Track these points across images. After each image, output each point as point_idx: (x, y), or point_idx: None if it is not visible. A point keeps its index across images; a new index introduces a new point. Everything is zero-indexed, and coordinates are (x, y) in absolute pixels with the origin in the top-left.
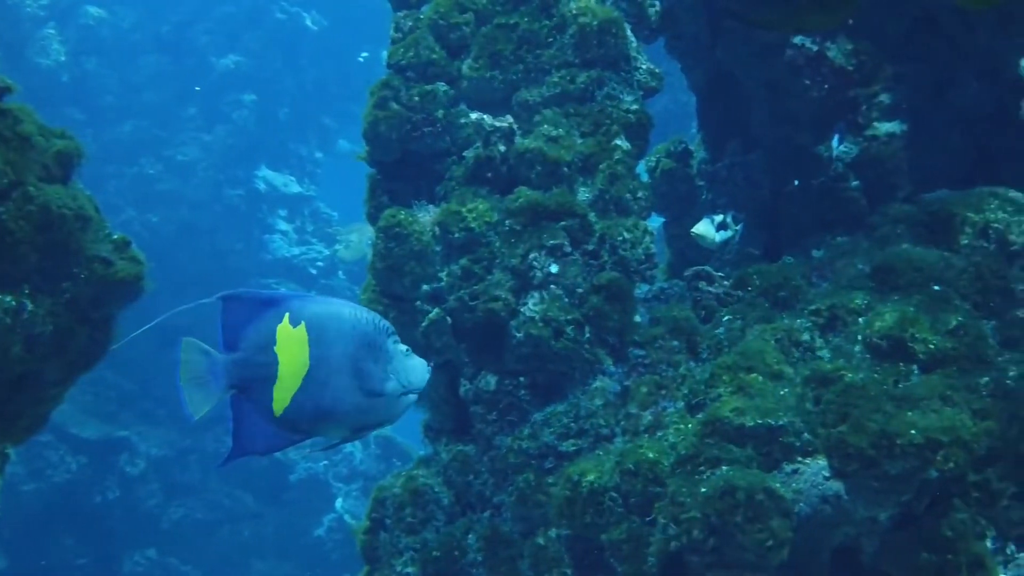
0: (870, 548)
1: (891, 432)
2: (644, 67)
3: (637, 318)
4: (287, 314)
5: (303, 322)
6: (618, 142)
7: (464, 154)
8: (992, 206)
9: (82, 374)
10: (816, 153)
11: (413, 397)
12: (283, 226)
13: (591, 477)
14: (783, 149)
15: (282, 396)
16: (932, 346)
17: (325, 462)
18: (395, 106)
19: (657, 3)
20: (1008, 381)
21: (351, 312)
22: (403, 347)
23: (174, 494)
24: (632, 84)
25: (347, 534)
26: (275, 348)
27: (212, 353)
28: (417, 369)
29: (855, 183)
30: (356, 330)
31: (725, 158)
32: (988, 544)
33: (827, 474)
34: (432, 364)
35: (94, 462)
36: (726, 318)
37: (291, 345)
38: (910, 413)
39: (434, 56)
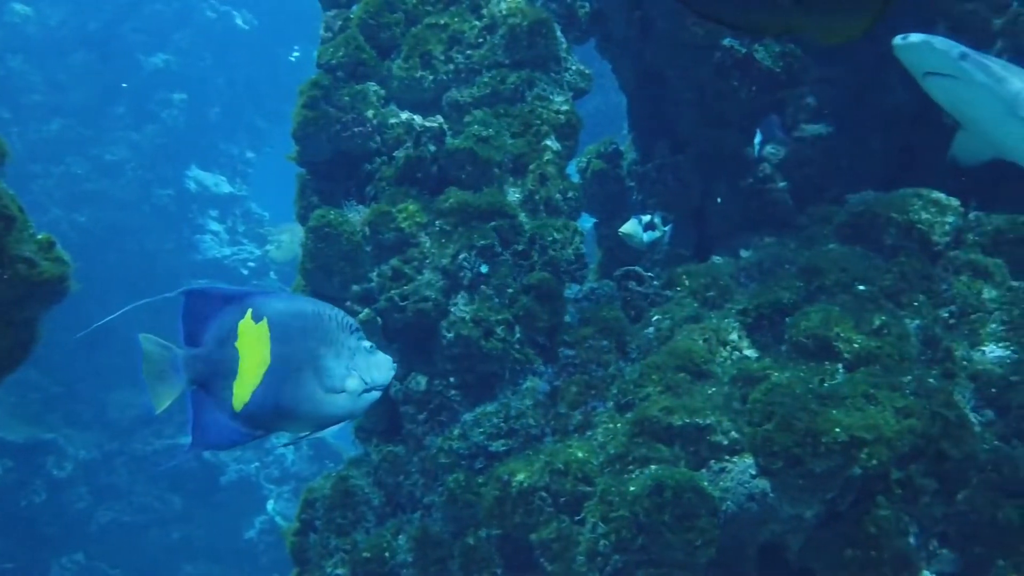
0: (796, 545)
1: (816, 430)
2: (574, 68)
3: (567, 318)
4: (250, 310)
5: (265, 318)
6: (548, 142)
7: (394, 154)
8: (915, 207)
9: (5, 376)
10: (744, 154)
11: (377, 394)
12: (214, 226)
13: (521, 477)
14: (712, 150)
15: (242, 392)
16: (856, 345)
17: (256, 463)
18: (325, 106)
19: (587, 4)
20: (930, 380)
21: (314, 308)
22: (367, 344)
23: (102, 497)
24: (562, 85)
25: (278, 536)
26: (236, 343)
27: (172, 348)
28: (381, 366)
29: (782, 184)
30: (319, 327)
31: (655, 159)
32: (911, 540)
33: (754, 472)
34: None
35: (20, 465)
36: (655, 318)
37: (252, 341)
38: (835, 412)
39: (364, 56)
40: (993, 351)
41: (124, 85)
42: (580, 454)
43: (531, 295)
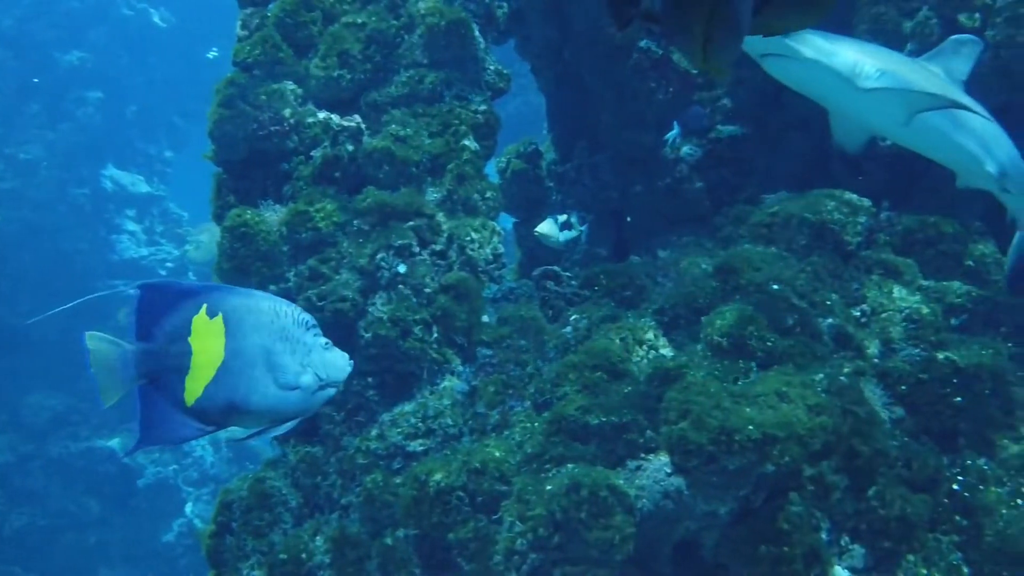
0: (710, 542)
1: (730, 428)
2: (492, 68)
3: (485, 318)
4: (205, 305)
5: (220, 313)
6: (466, 142)
7: (312, 153)
8: (829, 207)
9: None
10: (662, 155)
11: (332, 391)
12: (131, 226)
13: (438, 476)
14: (630, 151)
15: (194, 387)
16: (770, 344)
17: (175, 466)
18: (241, 105)
19: (505, 4)
20: (842, 378)
21: (270, 305)
22: (323, 340)
23: (16, 501)
24: (480, 85)
25: (197, 539)
26: (189, 339)
27: (121, 343)
28: (336, 363)
29: (699, 184)
30: (274, 323)
31: (574, 159)
32: (823, 536)
33: (669, 470)
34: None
35: None
36: (573, 317)
37: (206, 336)
38: (748, 409)
39: (281, 54)
40: (903, 349)
41: (35, 80)
42: (497, 453)
43: (449, 295)
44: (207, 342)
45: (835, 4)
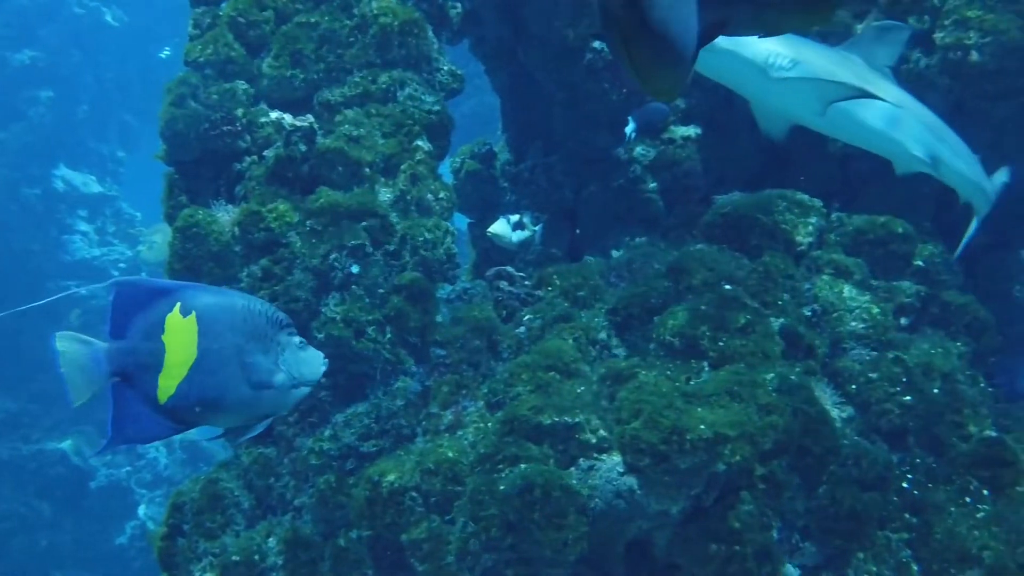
0: (662, 541)
1: (681, 428)
2: (446, 68)
3: (439, 318)
4: (179, 303)
5: (194, 312)
6: (420, 143)
7: (264, 153)
8: (780, 208)
9: None
10: (615, 155)
11: (306, 389)
12: (83, 227)
13: (392, 477)
14: (583, 151)
15: (167, 385)
16: (722, 344)
17: (128, 468)
18: (193, 104)
19: (459, 5)
20: (793, 377)
21: (244, 304)
22: (297, 339)
23: None
24: (434, 85)
25: (150, 541)
26: (163, 337)
27: (93, 341)
28: (310, 362)
29: (653, 185)
30: (247, 322)
31: (528, 159)
32: (774, 534)
33: (621, 470)
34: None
35: None
36: (526, 317)
37: (179, 334)
38: (700, 409)
39: (233, 54)
40: (853, 348)
41: None
42: (451, 454)
43: (402, 295)
44: (180, 340)
45: (839, 4)
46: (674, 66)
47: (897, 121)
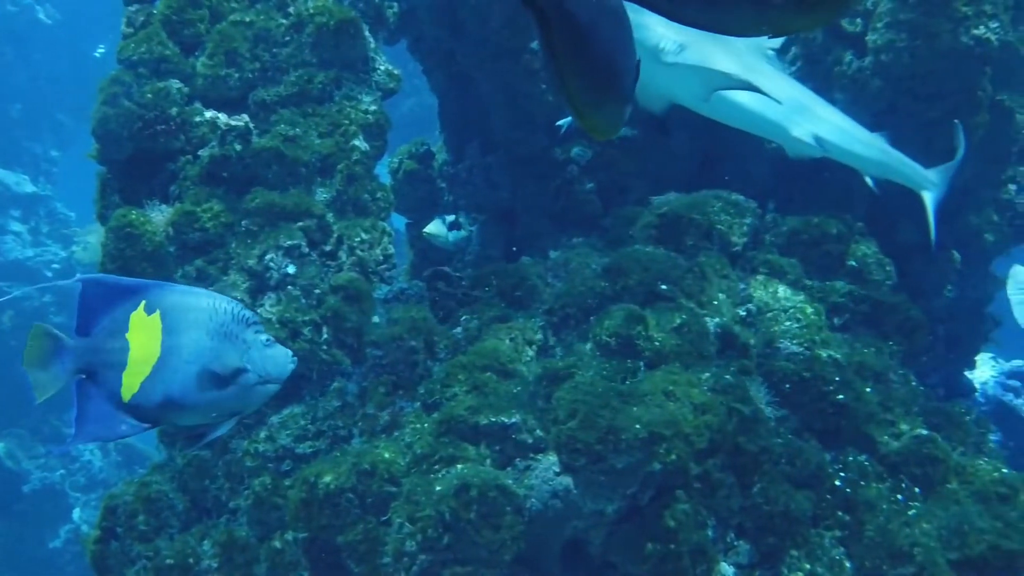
0: (598, 540)
1: (617, 427)
2: (383, 68)
3: (376, 319)
4: (144, 301)
5: (158, 310)
6: (357, 143)
7: (199, 153)
8: (715, 208)
9: None
10: (553, 156)
11: (274, 387)
12: (16, 227)
13: (328, 479)
14: (521, 152)
15: (131, 383)
16: (657, 343)
17: (62, 471)
18: (126, 103)
19: (396, 4)
20: (727, 377)
21: (210, 302)
22: (264, 337)
23: None
24: (371, 85)
25: (84, 545)
26: (127, 335)
27: (60, 337)
28: (277, 359)
29: (590, 185)
30: (213, 320)
31: (466, 160)
32: (709, 533)
33: (557, 470)
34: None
35: None
36: (463, 318)
37: (143, 332)
38: (635, 408)
39: (167, 52)
40: (787, 348)
41: None
42: (387, 455)
43: (339, 296)
44: (144, 338)
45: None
46: (608, 104)
47: (782, 107)
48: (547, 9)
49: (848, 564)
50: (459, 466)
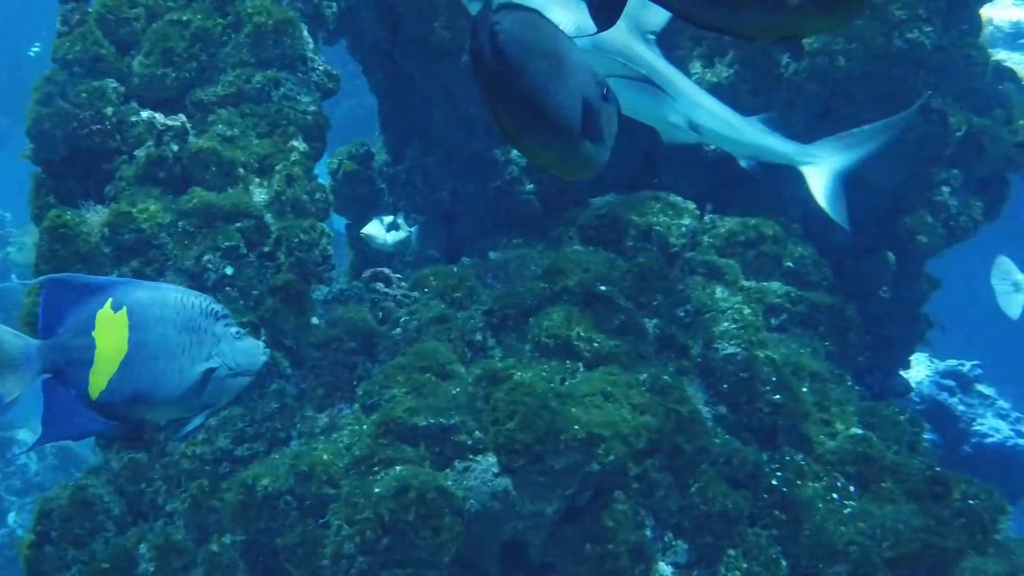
0: (537, 541)
1: (556, 428)
2: (321, 68)
3: (315, 320)
4: (110, 299)
5: (125, 307)
6: (295, 143)
7: (135, 153)
8: (654, 210)
9: None
10: (492, 157)
11: (246, 379)
12: None
13: (266, 481)
14: (461, 153)
15: (98, 380)
16: (596, 344)
17: None
18: (61, 103)
19: (334, 4)
20: (666, 377)
21: (177, 297)
22: (234, 330)
23: None
24: (309, 85)
25: (19, 550)
26: (93, 332)
27: (24, 337)
28: (247, 351)
29: (530, 186)
30: (180, 314)
31: (405, 161)
32: (647, 533)
33: (496, 471)
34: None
35: None
36: (403, 319)
37: (110, 329)
38: (574, 409)
39: (102, 51)
40: (725, 349)
41: None
42: (325, 456)
43: (278, 297)
44: (111, 335)
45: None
46: (560, 141)
47: (657, 92)
48: (482, 50)
49: (784, 563)
50: (398, 468)
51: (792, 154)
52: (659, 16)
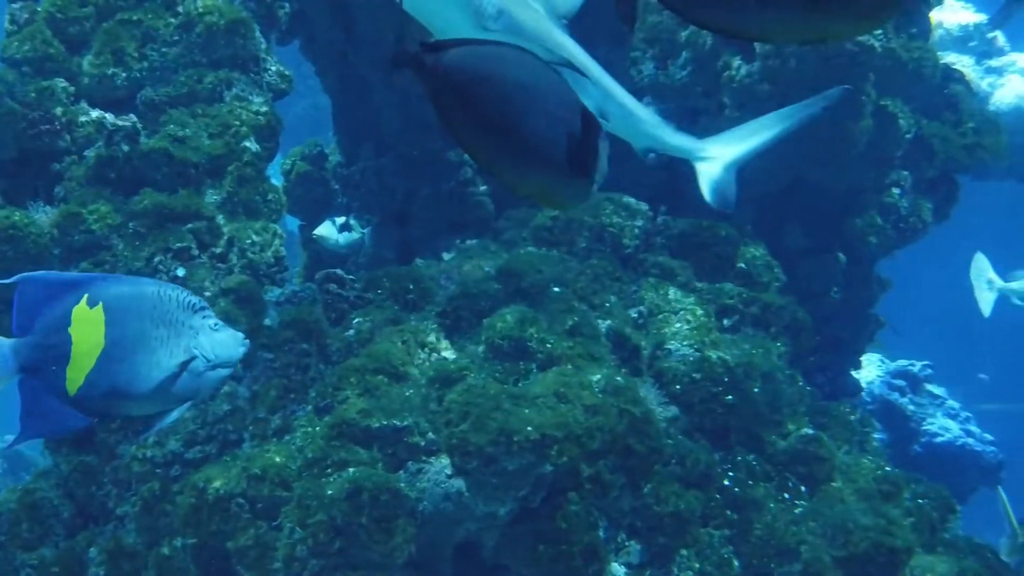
0: (490, 542)
1: (509, 429)
2: (274, 69)
3: (267, 321)
4: (86, 295)
5: (101, 302)
6: (247, 144)
7: (85, 153)
8: (608, 211)
9: None
10: (446, 158)
11: (226, 371)
12: None
13: (217, 484)
14: (415, 154)
15: (75, 376)
16: (549, 346)
17: None
18: (9, 102)
19: (287, 5)
20: (619, 378)
21: (154, 291)
22: (212, 322)
23: None
24: (262, 86)
25: None
26: (69, 329)
27: None
28: (227, 343)
29: (483, 187)
30: (157, 309)
31: (359, 161)
32: (600, 534)
33: (449, 472)
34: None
35: None
36: (356, 320)
37: (86, 325)
38: (527, 411)
39: (52, 51)
40: (678, 349)
41: None
42: (278, 459)
43: (230, 298)
44: (87, 331)
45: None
46: (540, 173)
47: (577, 77)
48: (435, 79)
49: (736, 562)
50: (351, 469)
51: (687, 148)
52: (571, 2)
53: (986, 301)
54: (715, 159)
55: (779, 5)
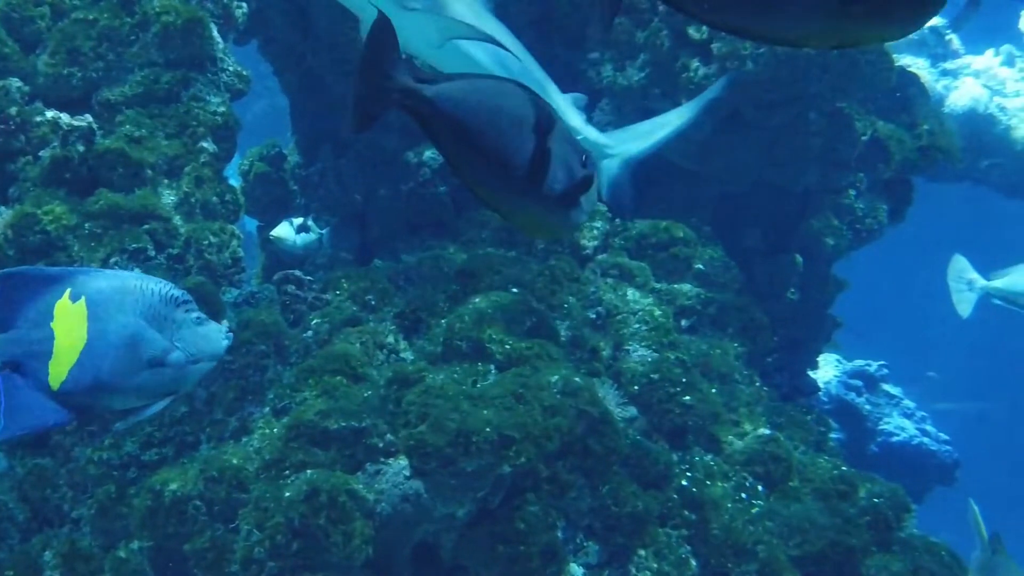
0: (449, 543)
1: (467, 430)
2: (231, 68)
3: (225, 323)
4: (68, 289)
5: (83, 296)
6: (204, 144)
7: (40, 154)
8: None
9: None
10: (405, 159)
11: (208, 364)
12: None
13: (174, 486)
14: (374, 154)
15: (58, 371)
16: (508, 346)
17: None
18: None
19: (245, 4)
20: (577, 379)
21: (137, 284)
22: (195, 315)
23: None
24: (219, 86)
25: None
26: (52, 323)
27: None
28: (209, 336)
29: (443, 188)
30: (140, 302)
31: (318, 162)
32: (559, 534)
33: (408, 473)
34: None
35: None
36: (314, 321)
37: (68, 320)
38: (485, 411)
39: (6, 50)
40: (636, 350)
41: None
42: (235, 460)
43: None
44: (70, 326)
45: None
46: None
47: (503, 61)
48: (425, 114)
49: (694, 562)
50: (309, 471)
51: (592, 142)
52: None
53: (966, 302)
54: (613, 156)
55: (807, 9)
